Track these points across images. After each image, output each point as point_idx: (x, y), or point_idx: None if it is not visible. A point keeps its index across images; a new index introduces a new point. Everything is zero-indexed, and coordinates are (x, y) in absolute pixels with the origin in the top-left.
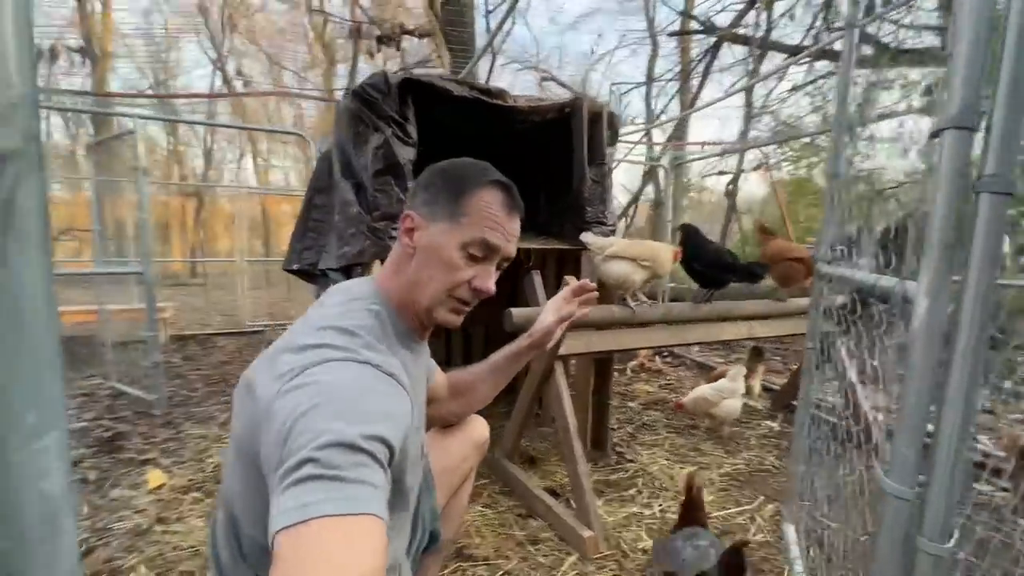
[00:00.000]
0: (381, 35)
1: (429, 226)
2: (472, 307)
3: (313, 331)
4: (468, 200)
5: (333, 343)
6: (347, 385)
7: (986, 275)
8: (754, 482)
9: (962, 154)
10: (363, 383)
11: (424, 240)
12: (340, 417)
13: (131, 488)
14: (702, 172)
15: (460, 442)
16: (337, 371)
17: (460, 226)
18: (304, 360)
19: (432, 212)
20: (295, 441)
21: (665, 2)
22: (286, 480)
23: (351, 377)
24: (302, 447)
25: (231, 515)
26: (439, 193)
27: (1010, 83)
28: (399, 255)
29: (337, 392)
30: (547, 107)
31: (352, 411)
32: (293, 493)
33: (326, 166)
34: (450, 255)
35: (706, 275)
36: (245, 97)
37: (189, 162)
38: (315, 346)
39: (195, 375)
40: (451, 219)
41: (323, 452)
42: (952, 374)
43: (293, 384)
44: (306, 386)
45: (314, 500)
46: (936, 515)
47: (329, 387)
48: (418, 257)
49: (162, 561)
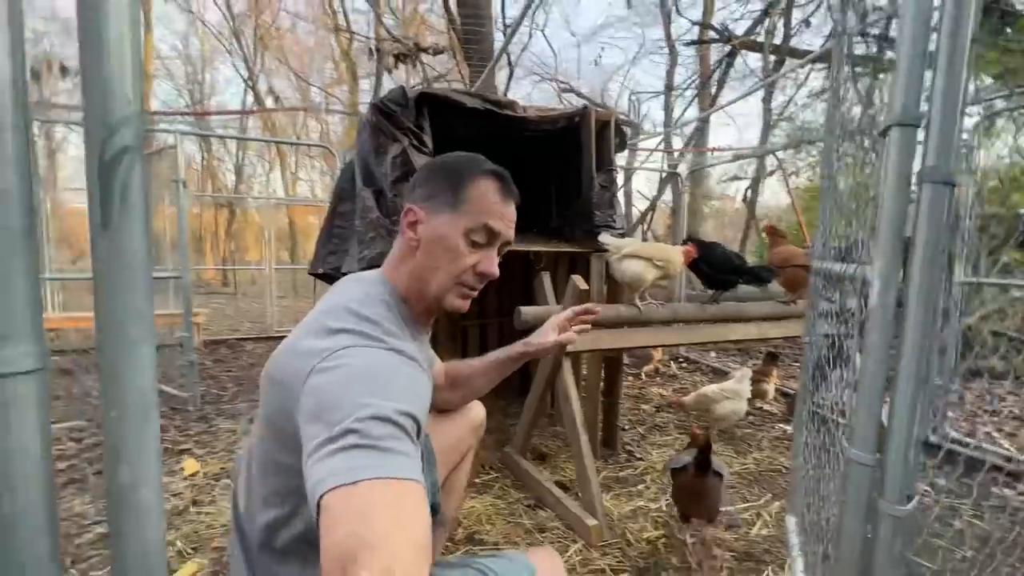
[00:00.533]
0: (399, 53)
1: (432, 218)
2: (478, 291)
3: (338, 315)
4: (468, 190)
5: (359, 329)
6: (378, 367)
7: (928, 258)
8: (763, 481)
9: (906, 148)
10: (391, 366)
11: (428, 232)
12: (374, 394)
13: (169, 474)
14: (719, 179)
15: (458, 423)
16: (367, 355)
17: (462, 215)
18: (335, 343)
19: (434, 205)
20: (332, 415)
21: (681, 13)
22: (327, 447)
23: (380, 360)
24: (341, 420)
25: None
26: (439, 186)
27: (944, 84)
28: (402, 249)
29: (370, 371)
30: (556, 116)
31: (384, 389)
32: (339, 459)
33: (349, 175)
34: (456, 243)
35: (713, 277)
36: (275, 113)
37: (222, 176)
38: (344, 331)
39: (226, 376)
40: (453, 209)
41: (363, 424)
42: (903, 351)
43: (327, 364)
44: (339, 367)
45: (361, 465)
46: (895, 480)
47: (362, 367)
48: (423, 248)
49: (197, 538)
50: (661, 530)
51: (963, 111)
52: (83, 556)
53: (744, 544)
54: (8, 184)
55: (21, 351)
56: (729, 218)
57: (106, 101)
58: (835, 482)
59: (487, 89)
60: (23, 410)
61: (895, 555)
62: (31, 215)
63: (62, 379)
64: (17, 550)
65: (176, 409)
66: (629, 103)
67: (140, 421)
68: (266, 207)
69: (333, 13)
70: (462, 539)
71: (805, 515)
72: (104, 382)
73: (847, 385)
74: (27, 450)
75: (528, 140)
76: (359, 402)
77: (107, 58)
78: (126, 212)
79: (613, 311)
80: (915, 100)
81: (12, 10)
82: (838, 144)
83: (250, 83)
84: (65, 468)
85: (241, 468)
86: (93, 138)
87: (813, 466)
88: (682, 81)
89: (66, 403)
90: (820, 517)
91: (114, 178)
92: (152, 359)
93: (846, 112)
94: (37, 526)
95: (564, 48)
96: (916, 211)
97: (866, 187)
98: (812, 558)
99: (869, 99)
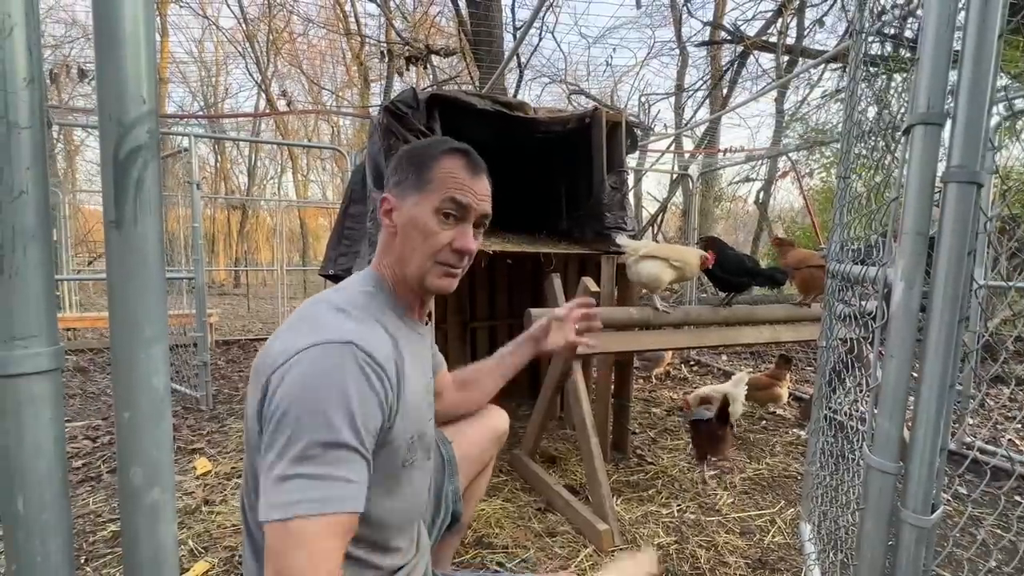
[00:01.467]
0: (409, 55)
1: (403, 203)
2: (462, 270)
3: (309, 306)
4: (431, 170)
5: (322, 318)
6: (329, 377)
7: (955, 259)
8: (776, 487)
9: (930, 147)
10: (343, 371)
11: (402, 217)
12: (324, 413)
13: (181, 473)
14: (731, 180)
15: (482, 433)
16: (321, 360)
17: (429, 193)
18: (297, 341)
19: (403, 190)
20: (283, 433)
21: (692, 13)
22: (276, 471)
23: (332, 366)
24: (293, 443)
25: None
26: (406, 171)
27: (970, 81)
28: (385, 238)
29: (321, 387)
30: (567, 118)
31: (333, 406)
32: (283, 488)
33: (360, 178)
34: (425, 222)
35: (726, 280)
36: (286, 115)
37: (234, 178)
38: (308, 319)
39: (237, 376)
40: (420, 190)
41: (311, 451)
42: (927, 354)
43: (286, 368)
44: (296, 376)
45: (296, 500)
46: (918, 488)
47: (314, 381)
48: (400, 233)
49: (208, 537)
50: (672, 536)
51: (990, 110)
52: (97, 554)
53: (758, 551)
54: (24, 185)
55: (36, 351)
56: (741, 220)
57: (121, 101)
58: (854, 489)
59: (497, 91)
60: (38, 409)
61: (919, 567)
62: (47, 216)
63: (78, 378)
64: (32, 547)
65: (189, 408)
66: (639, 104)
67: (153, 420)
68: (278, 209)
69: (344, 17)
70: (471, 542)
71: (821, 523)
72: (117, 381)
73: (866, 390)
74: (42, 448)
75: (538, 142)
76: (309, 424)
77: (122, 59)
78: (140, 211)
79: (624, 313)
80: (940, 98)
81: (28, 11)
82: (855, 144)
83: (262, 87)
84: (80, 466)
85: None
86: (108, 138)
87: (830, 473)
88: (693, 82)
89: (82, 401)
90: (838, 525)
91: (128, 177)
92: (165, 358)
93: (863, 112)
94: (51, 524)
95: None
96: (940, 211)
97: (887, 187)
98: (829, 567)
99: (886, 99)
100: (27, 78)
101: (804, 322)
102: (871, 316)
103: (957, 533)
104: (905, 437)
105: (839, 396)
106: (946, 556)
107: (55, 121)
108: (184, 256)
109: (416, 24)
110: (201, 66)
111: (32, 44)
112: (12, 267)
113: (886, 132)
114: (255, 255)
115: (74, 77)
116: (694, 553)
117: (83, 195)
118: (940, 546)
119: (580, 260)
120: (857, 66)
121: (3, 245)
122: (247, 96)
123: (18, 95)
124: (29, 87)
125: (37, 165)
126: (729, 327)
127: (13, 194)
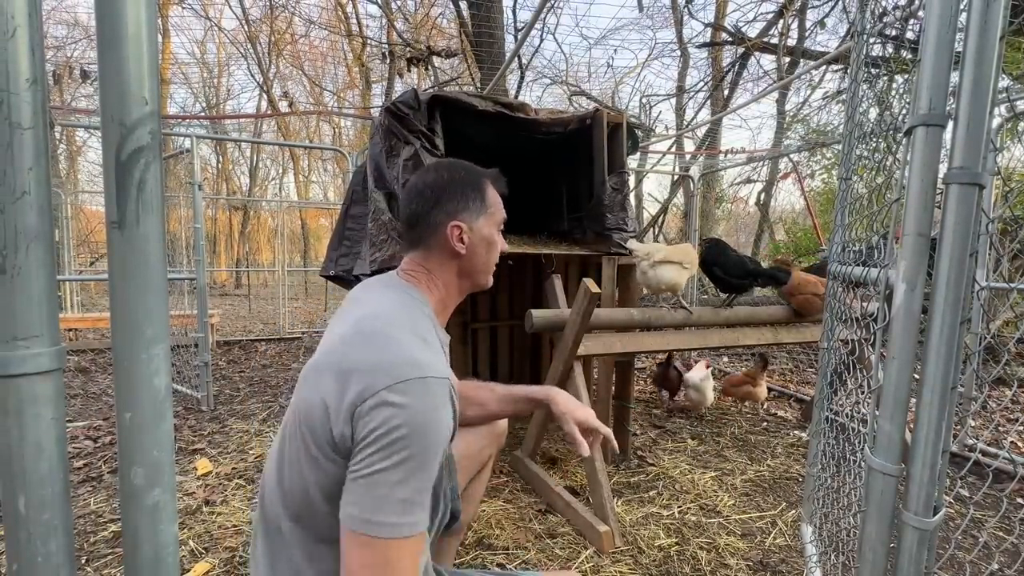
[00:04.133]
0: (411, 56)
1: (474, 224)
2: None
3: (394, 329)
4: (488, 195)
5: (412, 353)
6: (438, 413)
7: (956, 260)
8: (778, 489)
9: (932, 149)
10: (447, 409)
11: (477, 236)
12: (432, 449)
13: (182, 473)
14: (732, 182)
15: (481, 432)
16: (433, 394)
17: (491, 215)
18: (401, 369)
19: (471, 214)
20: (398, 454)
21: (693, 15)
22: (372, 479)
23: (441, 403)
24: (403, 467)
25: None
26: (470, 198)
27: (972, 82)
28: (444, 257)
29: (432, 421)
30: (568, 119)
31: (441, 441)
32: (376, 502)
33: (361, 179)
34: (495, 238)
35: (727, 281)
36: (288, 116)
37: (236, 179)
38: (393, 340)
39: (238, 376)
40: (486, 213)
41: (417, 480)
42: (929, 356)
43: (395, 398)
44: (413, 404)
45: (385, 522)
46: (920, 490)
47: (430, 415)
48: (472, 250)
49: (208, 537)
50: (673, 537)
51: (991, 111)
52: (98, 554)
53: (759, 553)
54: (26, 186)
55: (38, 352)
56: (742, 221)
57: (123, 102)
58: (855, 491)
59: (498, 92)
60: (40, 409)
61: (921, 569)
62: (49, 216)
63: (79, 378)
64: (33, 547)
65: (190, 409)
66: (640, 106)
67: (154, 421)
68: (279, 210)
69: (346, 18)
70: (472, 543)
71: (823, 525)
72: (119, 381)
73: (867, 392)
74: (43, 449)
75: (540, 143)
76: (422, 456)
77: (124, 60)
78: (142, 211)
79: (625, 315)
80: (941, 99)
81: (31, 12)
82: (856, 146)
83: (264, 88)
84: (81, 466)
85: (273, 452)
86: (110, 138)
87: (831, 475)
88: (694, 83)
89: (83, 401)
90: (839, 527)
91: (130, 178)
92: (167, 359)
93: (864, 113)
94: (52, 524)
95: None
96: (942, 213)
97: (888, 188)
98: (831, 569)
99: (888, 100)
100: (30, 79)
101: (805, 324)
102: (872, 318)
103: (959, 535)
104: (907, 439)
105: (840, 398)
106: (948, 558)
107: (57, 122)
108: (186, 257)
109: (417, 25)
110: (203, 67)
111: (35, 45)
112: (14, 267)
113: (887, 133)
114: (256, 256)
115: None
116: (695, 555)
117: (85, 196)
118: (942, 548)
119: (581, 261)
120: (859, 67)
121: (5, 245)
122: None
123: (20, 96)
124: (31, 88)
125: (39, 166)
126: (731, 328)
127: (15, 195)
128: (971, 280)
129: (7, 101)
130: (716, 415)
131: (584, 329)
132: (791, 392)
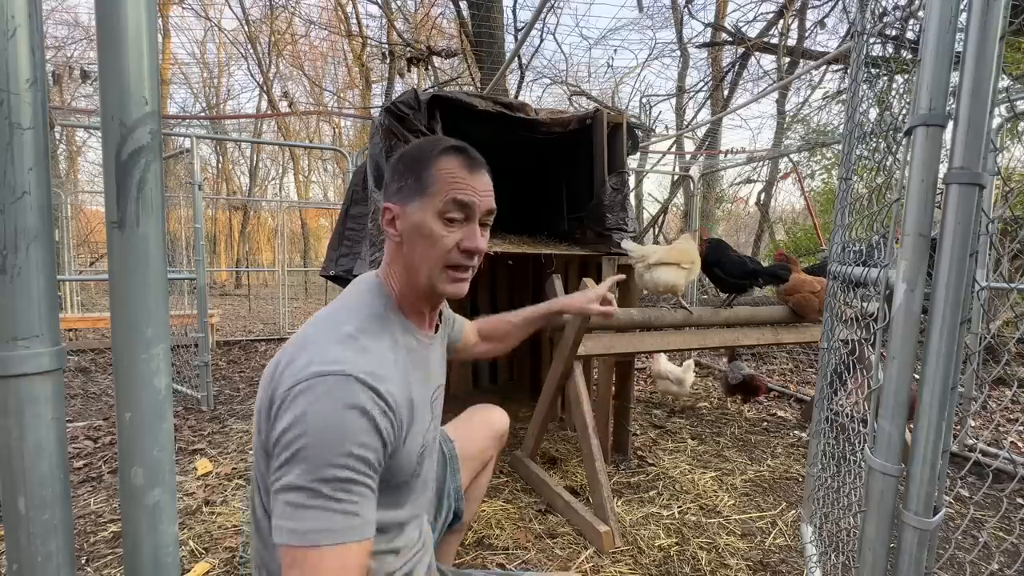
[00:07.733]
0: (411, 57)
1: (405, 209)
2: (472, 271)
3: (321, 325)
4: (429, 172)
5: (333, 346)
6: (338, 412)
7: (957, 260)
8: (778, 489)
9: (932, 149)
10: (352, 406)
11: (406, 224)
12: (334, 448)
13: (182, 474)
14: (732, 182)
15: (482, 432)
16: (333, 391)
17: (430, 197)
18: (308, 365)
19: (404, 196)
20: (297, 459)
21: (693, 14)
22: (291, 495)
23: (341, 400)
24: (304, 472)
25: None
26: (405, 177)
27: (972, 82)
28: (391, 248)
29: (331, 422)
30: (568, 119)
31: (346, 440)
32: (300, 514)
33: (361, 179)
34: (431, 227)
35: (728, 281)
36: (288, 116)
37: (236, 179)
38: (318, 343)
39: (238, 377)
40: (421, 195)
41: (324, 486)
42: (929, 356)
43: (297, 391)
44: (306, 405)
45: (314, 528)
46: (920, 490)
47: (325, 415)
48: (406, 241)
49: (208, 537)
50: (673, 537)
51: (991, 111)
52: (98, 554)
53: (759, 553)
54: (27, 185)
55: (38, 352)
56: (742, 221)
57: (123, 102)
58: (855, 491)
59: (498, 92)
60: (40, 409)
61: (921, 569)
62: (48, 216)
63: (79, 378)
64: (33, 547)
65: (190, 409)
66: (640, 106)
67: (154, 421)
68: (279, 210)
69: (346, 18)
70: (472, 543)
71: (823, 525)
72: (119, 381)
73: (868, 392)
74: (43, 449)
75: (540, 143)
76: (319, 457)
77: (124, 60)
78: (142, 211)
79: (625, 315)
80: (941, 100)
81: (31, 13)
82: (856, 146)
83: (264, 88)
84: (81, 467)
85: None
86: (110, 139)
87: (831, 475)
88: (694, 83)
89: (83, 401)
90: (840, 527)
91: (130, 178)
92: (166, 359)
93: (864, 113)
94: (52, 524)
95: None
96: (942, 213)
97: (888, 188)
98: (831, 569)
99: (888, 100)
100: (30, 79)
101: (806, 324)
102: (872, 318)
103: (959, 535)
104: (907, 439)
105: (840, 398)
106: (948, 558)
107: (57, 122)
108: (186, 257)
109: (417, 25)
110: (203, 67)
111: (35, 45)
112: (14, 267)
113: (888, 133)
114: (256, 256)
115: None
116: (695, 555)
117: (85, 196)
118: (942, 548)
119: (581, 261)
120: (859, 67)
121: (5, 245)
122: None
123: (21, 96)
124: (32, 88)
125: (39, 166)
126: (731, 329)
127: (16, 194)
128: (971, 280)
129: (7, 101)
130: (716, 415)
131: (584, 329)
132: (791, 392)
